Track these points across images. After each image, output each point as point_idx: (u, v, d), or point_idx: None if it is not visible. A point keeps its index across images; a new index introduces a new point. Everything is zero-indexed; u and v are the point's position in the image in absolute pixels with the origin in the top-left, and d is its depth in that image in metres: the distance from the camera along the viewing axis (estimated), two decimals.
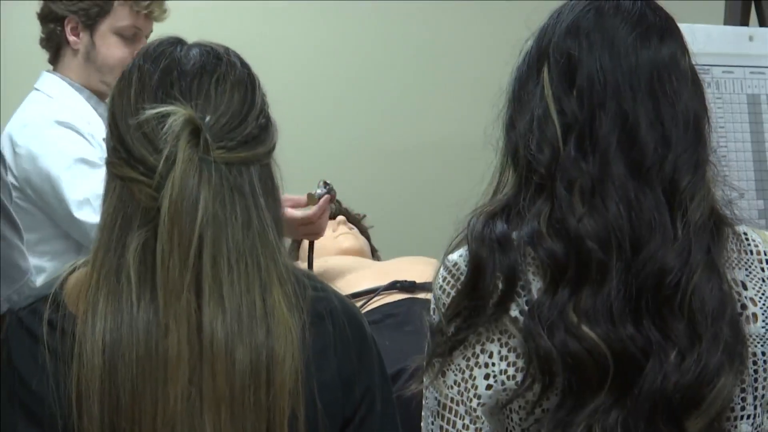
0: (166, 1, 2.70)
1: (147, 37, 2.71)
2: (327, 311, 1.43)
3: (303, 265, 2.57)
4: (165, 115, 1.36)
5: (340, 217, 3.01)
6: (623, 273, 1.35)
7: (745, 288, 1.42)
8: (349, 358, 1.44)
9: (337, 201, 3.09)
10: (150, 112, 1.37)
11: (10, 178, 2.10)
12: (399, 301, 2.43)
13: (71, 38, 2.67)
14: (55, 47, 2.71)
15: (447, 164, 3.52)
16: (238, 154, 1.39)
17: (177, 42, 1.46)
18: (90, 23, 2.66)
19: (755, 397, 1.41)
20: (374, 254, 3.05)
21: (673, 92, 1.40)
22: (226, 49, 1.47)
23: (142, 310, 1.34)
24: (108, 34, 2.66)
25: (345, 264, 2.70)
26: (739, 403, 1.40)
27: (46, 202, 2.53)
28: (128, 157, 1.38)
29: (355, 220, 3.10)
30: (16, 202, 2.16)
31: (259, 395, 1.34)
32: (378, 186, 3.56)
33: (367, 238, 3.08)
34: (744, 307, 1.41)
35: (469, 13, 3.62)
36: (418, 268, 2.54)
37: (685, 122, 1.40)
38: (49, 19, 2.69)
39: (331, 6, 3.55)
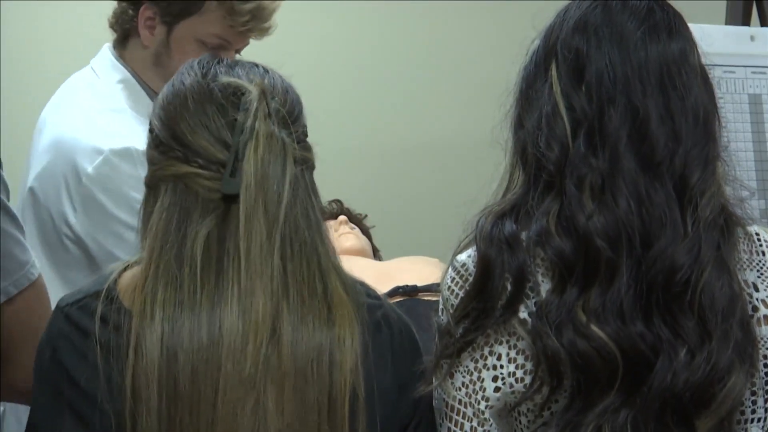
0: (270, 17, 2.18)
1: (238, 52, 2.18)
2: (383, 318, 1.41)
3: None
4: (238, 88, 1.35)
5: (342, 217, 3.01)
6: (633, 270, 1.34)
7: (756, 290, 1.40)
8: (405, 366, 1.41)
9: (339, 201, 3.10)
10: (224, 78, 1.35)
11: (66, 203, 1.98)
12: (401, 301, 2.41)
13: (143, 32, 2.10)
14: (123, 31, 2.15)
15: (448, 164, 3.51)
16: (301, 152, 1.38)
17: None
18: (169, 20, 2.09)
19: (766, 400, 1.40)
20: (376, 254, 3.04)
21: (683, 86, 1.40)
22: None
23: (205, 297, 1.30)
24: (188, 38, 2.09)
25: (346, 264, 2.68)
26: (749, 406, 1.39)
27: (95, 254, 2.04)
28: (184, 151, 1.35)
29: (356, 220, 3.09)
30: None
31: (322, 371, 1.31)
32: (379, 186, 3.54)
33: (369, 238, 3.07)
34: (755, 308, 1.39)
35: (473, 13, 3.61)
36: (419, 268, 2.53)
37: (695, 117, 1.39)
38: None
39: (332, 4, 3.53)
